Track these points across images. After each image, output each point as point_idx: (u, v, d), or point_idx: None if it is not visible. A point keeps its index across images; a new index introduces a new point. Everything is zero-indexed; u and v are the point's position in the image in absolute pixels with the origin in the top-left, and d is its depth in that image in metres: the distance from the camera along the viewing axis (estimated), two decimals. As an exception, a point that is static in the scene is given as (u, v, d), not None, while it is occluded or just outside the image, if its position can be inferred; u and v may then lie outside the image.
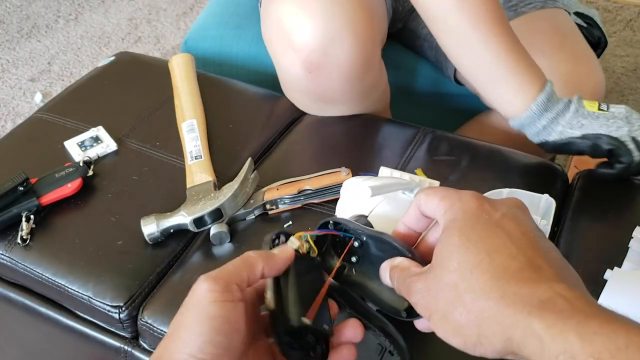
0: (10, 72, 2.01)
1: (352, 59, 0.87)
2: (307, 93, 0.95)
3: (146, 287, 0.78)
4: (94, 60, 2.05)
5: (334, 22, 0.84)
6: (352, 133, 0.99)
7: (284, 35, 0.87)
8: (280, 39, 0.88)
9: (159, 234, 0.80)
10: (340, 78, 0.89)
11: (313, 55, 0.85)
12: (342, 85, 0.91)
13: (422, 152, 0.94)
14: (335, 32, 0.84)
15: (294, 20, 0.84)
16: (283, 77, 0.98)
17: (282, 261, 0.51)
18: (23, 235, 0.81)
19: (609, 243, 0.79)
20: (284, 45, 0.88)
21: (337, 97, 0.95)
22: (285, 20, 0.85)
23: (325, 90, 0.92)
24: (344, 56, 0.86)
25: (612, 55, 2.00)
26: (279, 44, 0.89)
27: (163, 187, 0.89)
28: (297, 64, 0.88)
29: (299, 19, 0.84)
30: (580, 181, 0.91)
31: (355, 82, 0.92)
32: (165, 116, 1.00)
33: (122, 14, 2.26)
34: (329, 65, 0.87)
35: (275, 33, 0.89)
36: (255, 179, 0.86)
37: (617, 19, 2.15)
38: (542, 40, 0.98)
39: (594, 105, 0.84)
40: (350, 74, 0.89)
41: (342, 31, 0.84)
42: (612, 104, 0.86)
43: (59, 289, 0.79)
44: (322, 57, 0.85)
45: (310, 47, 0.85)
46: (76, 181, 0.86)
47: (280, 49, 0.90)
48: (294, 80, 0.94)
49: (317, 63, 0.86)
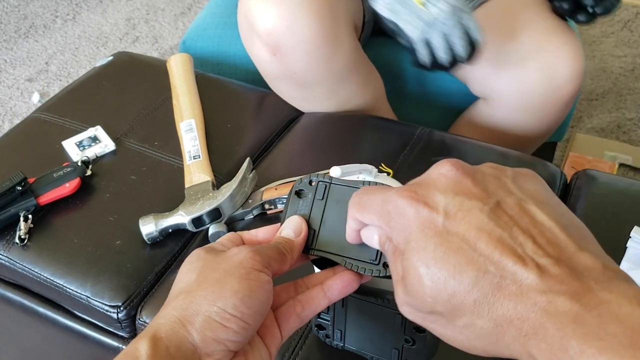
0: (8, 72, 2.01)
1: (310, 35, 0.91)
2: (277, 77, 0.99)
3: (144, 287, 0.78)
4: (91, 60, 2.05)
5: (290, 4, 0.89)
6: (350, 132, 0.99)
7: (249, 24, 0.93)
8: (248, 29, 0.95)
9: (158, 234, 0.80)
10: (303, 56, 0.93)
11: (272, 38, 0.91)
12: (308, 63, 0.94)
13: (421, 152, 0.94)
14: (290, 12, 0.89)
15: (256, 7, 0.91)
16: (258, 67, 1.01)
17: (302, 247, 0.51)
18: (21, 235, 0.81)
19: (607, 243, 0.78)
20: (251, 34, 0.94)
21: (309, 78, 0.97)
22: (250, 9, 0.92)
23: (293, 71, 0.95)
24: (302, 33, 0.90)
25: (610, 55, 2.00)
26: (248, 34, 0.96)
27: (161, 187, 0.89)
28: (263, 49, 0.93)
29: (260, 6, 0.90)
30: (578, 181, 0.91)
31: (322, 61, 0.94)
32: (163, 116, 1.00)
33: (120, 14, 2.26)
34: (289, 45, 0.91)
35: (244, 25, 0.96)
36: (254, 179, 0.86)
37: (615, 19, 2.15)
38: (513, 19, 0.99)
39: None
40: (312, 51, 0.92)
41: (296, 10, 0.89)
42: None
43: (57, 288, 0.78)
44: (281, 37, 0.90)
45: (270, 29, 0.90)
46: (74, 181, 0.86)
47: (249, 38, 0.96)
48: (264, 67, 0.98)
49: (277, 44, 0.91)
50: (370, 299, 0.55)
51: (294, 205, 0.53)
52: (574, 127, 1.73)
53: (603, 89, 1.87)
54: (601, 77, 1.92)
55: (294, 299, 0.50)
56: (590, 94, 1.85)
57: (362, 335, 0.58)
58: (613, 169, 1.53)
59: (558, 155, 1.60)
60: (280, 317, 0.49)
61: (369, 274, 0.50)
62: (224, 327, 0.43)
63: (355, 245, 0.49)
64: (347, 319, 0.58)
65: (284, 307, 0.49)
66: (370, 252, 0.49)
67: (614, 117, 1.77)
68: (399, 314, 0.53)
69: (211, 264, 0.46)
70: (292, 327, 0.49)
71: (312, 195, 0.52)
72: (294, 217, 0.52)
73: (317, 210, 0.52)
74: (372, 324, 0.57)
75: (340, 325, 0.59)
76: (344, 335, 0.59)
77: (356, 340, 0.59)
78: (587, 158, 1.54)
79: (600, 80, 1.91)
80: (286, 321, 0.49)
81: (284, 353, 0.68)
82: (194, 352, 0.42)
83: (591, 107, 1.81)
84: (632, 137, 1.70)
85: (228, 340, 0.43)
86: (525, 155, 0.96)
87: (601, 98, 1.84)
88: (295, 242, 0.50)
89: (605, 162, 1.54)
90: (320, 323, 0.60)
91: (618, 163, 1.55)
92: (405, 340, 0.56)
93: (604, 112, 1.79)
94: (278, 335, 0.48)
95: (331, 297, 0.50)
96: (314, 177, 0.53)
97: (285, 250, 0.49)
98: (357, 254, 0.50)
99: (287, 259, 0.49)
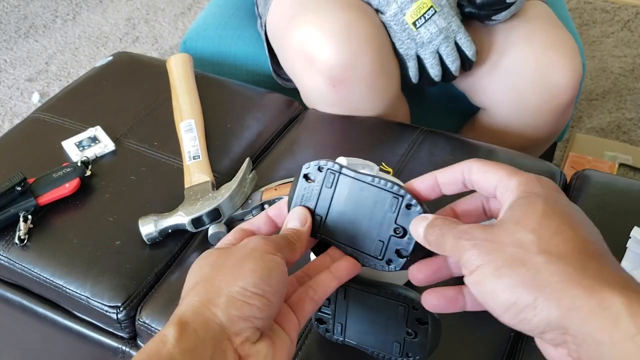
0: (8, 72, 2.01)
1: (371, 69, 0.94)
2: (333, 105, 1.00)
3: (144, 287, 0.78)
4: (91, 60, 2.05)
5: (353, 40, 0.91)
6: (350, 133, 0.99)
7: (306, 57, 0.94)
8: (303, 61, 0.96)
9: (157, 234, 0.80)
10: (363, 89, 0.96)
11: (335, 72, 0.93)
12: (366, 95, 0.97)
13: (421, 152, 0.94)
14: (354, 48, 0.91)
15: (316, 41, 0.92)
16: (308, 95, 1.03)
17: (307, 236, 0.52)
18: (21, 235, 0.81)
19: (607, 243, 0.79)
20: (306, 67, 0.96)
21: (364, 106, 1.00)
22: (306, 43, 0.93)
23: (350, 101, 0.98)
24: (364, 68, 0.93)
25: (610, 55, 2.00)
26: (302, 65, 0.97)
27: (161, 187, 0.88)
28: (321, 82, 0.95)
29: (321, 41, 0.92)
30: (578, 181, 0.91)
31: (379, 92, 0.98)
32: (163, 116, 1.00)
33: (120, 14, 2.26)
34: (351, 78, 0.94)
35: (297, 56, 0.97)
36: (253, 179, 0.86)
37: (615, 19, 2.15)
38: (514, 32, 1.01)
39: (414, 15, 0.92)
40: (372, 84, 0.96)
41: (360, 45, 0.92)
42: None
43: (57, 289, 0.78)
44: (344, 72, 0.93)
45: (332, 64, 0.92)
46: (74, 181, 0.86)
47: (304, 70, 0.97)
48: (319, 96, 1.00)
49: (340, 78, 0.94)
50: (373, 291, 0.56)
51: (301, 189, 0.54)
52: (574, 127, 1.73)
53: (603, 89, 1.87)
54: (601, 77, 1.92)
55: (304, 285, 0.51)
56: (590, 94, 1.85)
57: (363, 328, 0.59)
58: (613, 169, 1.53)
59: (558, 155, 1.60)
60: (294, 304, 0.50)
61: (372, 267, 0.52)
62: (248, 305, 0.44)
63: (361, 237, 0.52)
64: (348, 311, 0.58)
65: (295, 295, 0.51)
66: (375, 246, 0.52)
67: (614, 117, 1.77)
68: (402, 305, 0.54)
69: (224, 254, 0.48)
70: (308, 312, 0.51)
71: (321, 181, 0.53)
72: (299, 208, 0.53)
73: (325, 197, 0.53)
74: (373, 316, 0.57)
75: (341, 318, 0.59)
76: (344, 329, 0.60)
77: (357, 334, 0.60)
78: (587, 158, 1.54)
79: (600, 80, 1.91)
80: (301, 307, 0.50)
81: (284, 353, 0.68)
82: (221, 332, 0.43)
83: (591, 107, 1.81)
84: (632, 137, 1.70)
85: (253, 317, 0.44)
86: (527, 156, 0.96)
87: (601, 98, 1.84)
88: (302, 231, 0.52)
89: (605, 162, 1.54)
90: (320, 317, 0.60)
91: (618, 163, 1.55)
92: (407, 333, 0.56)
93: (604, 112, 1.79)
94: (295, 321, 0.49)
95: (340, 277, 0.52)
96: (324, 163, 0.53)
97: (294, 239, 0.51)
98: (362, 247, 0.53)
99: (297, 247, 0.51)
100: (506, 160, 0.94)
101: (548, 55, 0.98)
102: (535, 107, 1.02)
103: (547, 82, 0.99)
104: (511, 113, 1.05)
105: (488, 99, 1.08)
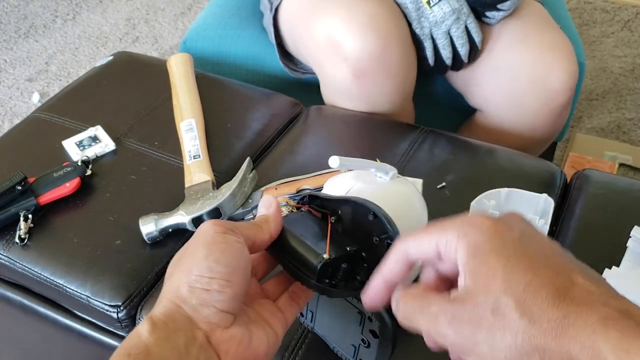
0: (8, 72, 2.01)
1: (397, 61, 0.96)
2: (351, 97, 1.01)
3: (144, 287, 0.78)
4: (91, 60, 2.05)
5: (382, 31, 0.93)
6: (351, 132, 0.99)
7: (332, 46, 0.95)
8: (329, 50, 0.96)
9: (158, 234, 0.80)
10: (385, 80, 0.97)
11: (362, 63, 0.94)
12: (388, 86, 0.98)
13: (422, 152, 0.94)
14: (383, 39, 0.93)
15: (344, 32, 0.94)
16: (329, 85, 1.03)
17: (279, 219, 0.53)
18: (21, 234, 0.81)
19: (608, 242, 0.79)
20: (332, 55, 0.96)
21: (383, 100, 1.00)
22: (336, 32, 0.95)
23: (369, 94, 0.99)
24: (391, 59, 0.95)
25: (610, 55, 2.00)
26: (327, 54, 0.98)
27: (161, 186, 0.89)
28: (346, 71, 0.96)
29: (350, 31, 0.93)
30: (578, 181, 0.91)
31: (399, 84, 0.99)
32: (163, 116, 1.00)
33: (120, 13, 2.26)
34: (377, 70, 0.95)
35: (323, 45, 0.97)
36: (254, 179, 0.86)
37: (615, 19, 2.16)
38: (510, 33, 1.02)
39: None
40: (395, 74, 0.98)
41: (389, 37, 0.94)
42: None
43: (57, 288, 0.78)
44: (372, 63, 0.94)
45: (361, 55, 0.93)
46: (74, 181, 0.86)
47: (329, 59, 0.98)
48: (341, 88, 1.00)
49: (366, 69, 0.95)
50: None
51: None
52: (574, 127, 1.73)
53: (603, 89, 1.87)
54: (601, 77, 1.92)
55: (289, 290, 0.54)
56: (590, 94, 1.86)
57: (328, 322, 0.60)
58: (613, 169, 1.53)
59: (558, 155, 1.60)
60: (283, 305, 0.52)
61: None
62: (206, 290, 0.45)
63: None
64: (318, 302, 0.60)
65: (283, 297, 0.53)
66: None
67: (614, 117, 1.77)
68: (360, 313, 0.56)
69: (182, 249, 0.50)
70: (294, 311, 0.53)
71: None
72: (265, 197, 0.55)
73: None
74: (338, 315, 0.59)
75: (312, 306, 0.61)
76: (314, 318, 0.61)
77: (323, 326, 0.61)
78: (587, 158, 1.54)
79: (600, 80, 1.91)
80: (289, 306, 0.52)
81: (284, 353, 0.68)
82: (190, 322, 0.45)
83: (591, 107, 1.81)
84: (632, 137, 1.70)
85: (215, 300, 0.45)
86: (527, 155, 0.96)
87: (601, 98, 1.84)
88: (267, 215, 0.53)
89: (605, 162, 1.54)
90: None
91: (618, 163, 1.55)
92: (362, 340, 0.57)
93: (604, 112, 1.79)
94: (282, 317, 0.51)
95: None
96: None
97: (259, 221, 0.52)
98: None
99: (263, 228, 0.51)
100: (506, 160, 0.94)
101: (544, 58, 0.99)
102: (531, 109, 1.02)
103: (543, 84, 0.99)
104: (507, 115, 1.06)
105: (484, 101, 1.08)
